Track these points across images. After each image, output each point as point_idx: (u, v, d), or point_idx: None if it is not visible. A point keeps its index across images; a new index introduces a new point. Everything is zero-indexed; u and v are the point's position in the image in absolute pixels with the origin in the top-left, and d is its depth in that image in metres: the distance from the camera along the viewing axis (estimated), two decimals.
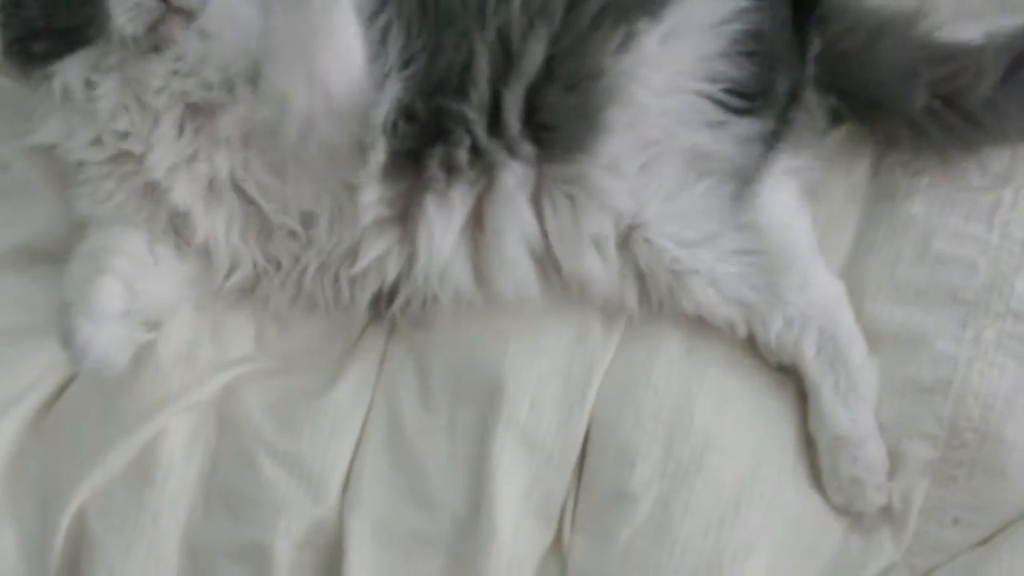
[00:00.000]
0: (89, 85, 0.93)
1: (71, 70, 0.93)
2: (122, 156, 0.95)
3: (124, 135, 0.94)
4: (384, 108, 0.92)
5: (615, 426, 0.93)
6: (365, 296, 0.98)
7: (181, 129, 0.93)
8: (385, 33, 0.94)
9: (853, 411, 0.92)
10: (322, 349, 1.04)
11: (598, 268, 0.94)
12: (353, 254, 0.95)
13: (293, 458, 0.96)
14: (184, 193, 0.94)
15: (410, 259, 0.95)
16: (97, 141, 0.95)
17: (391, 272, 0.95)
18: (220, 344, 1.02)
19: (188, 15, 0.91)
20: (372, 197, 0.93)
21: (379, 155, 0.92)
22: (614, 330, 0.98)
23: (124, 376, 0.96)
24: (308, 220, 0.96)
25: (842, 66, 0.97)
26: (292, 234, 0.96)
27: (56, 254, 1.03)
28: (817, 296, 0.94)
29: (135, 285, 0.93)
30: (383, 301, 0.99)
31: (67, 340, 0.89)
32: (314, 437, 0.96)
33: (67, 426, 1.00)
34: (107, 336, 0.90)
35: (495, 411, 0.94)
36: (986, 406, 0.91)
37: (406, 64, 0.93)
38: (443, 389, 0.97)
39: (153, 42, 0.91)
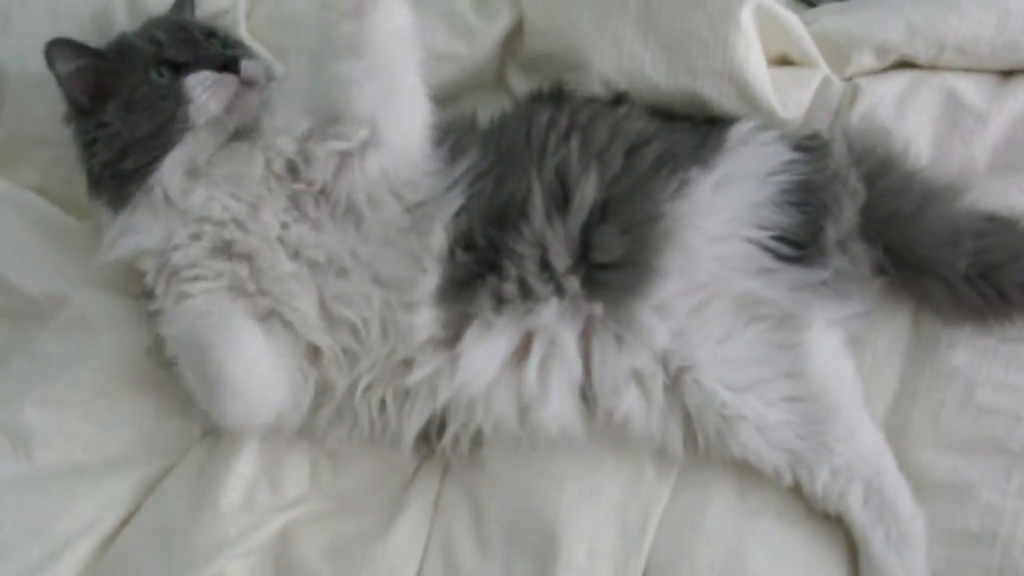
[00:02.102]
0: (185, 189, 0.97)
1: (168, 174, 0.97)
2: (220, 249, 0.98)
3: (222, 224, 0.97)
4: (443, 235, 0.96)
5: (671, 574, 0.94)
6: (413, 425, 0.99)
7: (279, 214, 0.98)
8: (454, 152, 0.99)
9: (906, 561, 0.93)
10: (376, 488, 1.05)
11: (638, 406, 0.96)
12: (405, 369, 0.97)
13: None
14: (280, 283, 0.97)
15: (456, 386, 0.96)
16: (196, 236, 0.98)
17: (440, 395, 0.96)
18: (277, 485, 1.03)
19: (258, 86, 0.98)
20: (426, 317, 0.95)
21: (434, 279, 0.95)
22: (668, 473, 0.99)
23: (182, 519, 0.98)
24: (359, 331, 0.98)
25: (887, 224, 1.00)
26: (344, 351, 0.98)
27: (114, 392, 1.05)
28: (862, 447, 0.95)
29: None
30: (432, 435, 1.00)
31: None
32: None
33: (124, 568, 1.00)
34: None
35: (552, 558, 0.95)
36: None
37: (470, 185, 0.97)
38: (499, 533, 0.98)
39: (234, 122, 0.97)
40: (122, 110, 0.98)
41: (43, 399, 1.06)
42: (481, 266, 0.96)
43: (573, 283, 0.95)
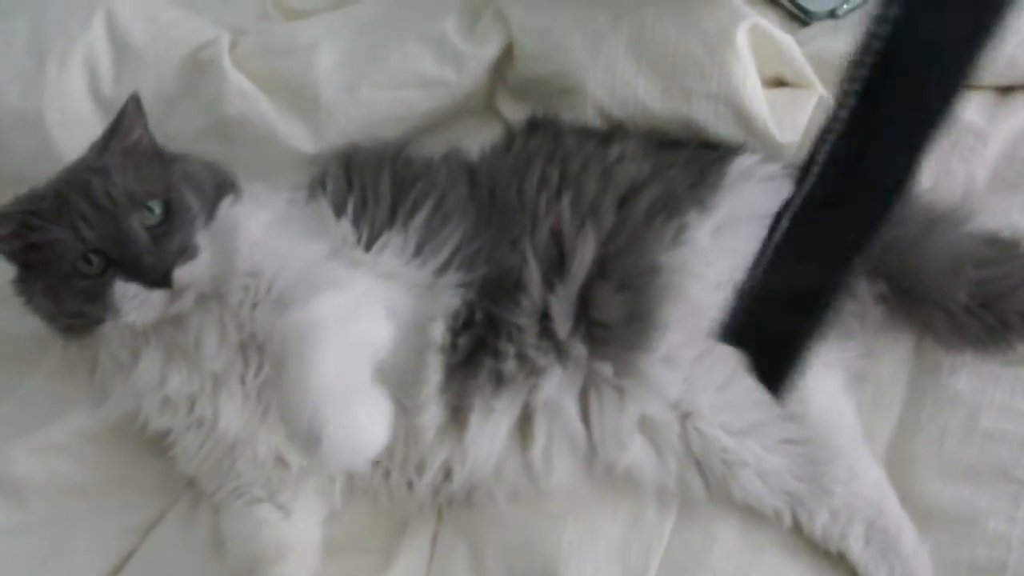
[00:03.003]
0: (135, 354, 0.94)
1: (110, 341, 0.94)
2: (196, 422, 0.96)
3: (190, 399, 0.95)
4: (440, 325, 0.94)
5: None
6: (422, 492, 0.98)
7: (244, 384, 0.95)
8: (437, 228, 0.97)
9: None
10: (371, 529, 1.03)
11: (646, 455, 0.95)
12: (419, 467, 0.97)
13: None
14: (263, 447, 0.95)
15: (464, 462, 0.96)
16: (166, 405, 0.95)
17: (456, 476, 0.96)
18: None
19: (196, 285, 0.91)
20: (432, 415, 0.94)
21: (436, 374, 0.94)
22: (668, 511, 0.98)
23: (176, 565, 0.99)
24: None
25: (887, 253, 0.98)
26: None
27: (104, 437, 1.04)
28: (863, 487, 0.94)
29: None
30: (440, 493, 0.99)
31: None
32: None
33: None
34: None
35: None
36: None
37: (460, 266, 0.95)
38: (498, 572, 0.97)
39: (170, 313, 0.92)
40: (48, 293, 0.93)
41: (34, 446, 1.04)
42: (479, 348, 0.94)
43: (578, 347, 0.94)
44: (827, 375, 0.97)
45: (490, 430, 0.95)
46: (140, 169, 0.94)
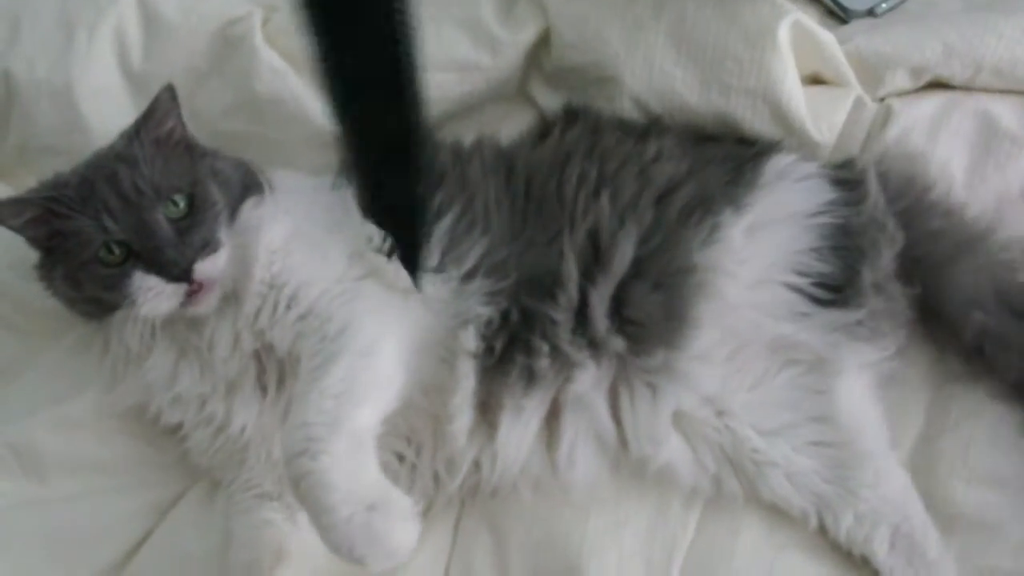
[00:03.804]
0: (147, 346, 0.94)
1: (123, 328, 0.93)
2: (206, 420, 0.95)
3: (201, 398, 0.94)
4: (472, 332, 0.93)
5: None
6: (449, 486, 0.98)
7: (262, 390, 0.94)
8: (464, 242, 0.95)
9: None
10: None
11: (682, 452, 0.95)
12: (449, 466, 0.97)
13: None
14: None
15: (495, 461, 0.96)
16: (176, 402, 0.95)
17: (485, 473, 0.96)
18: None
19: (217, 282, 0.91)
20: (464, 420, 0.94)
21: (470, 380, 0.93)
22: (693, 506, 0.98)
23: (195, 545, 0.98)
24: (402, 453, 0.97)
25: (921, 266, 0.98)
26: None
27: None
28: (889, 492, 0.94)
29: None
30: (465, 486, 0.99)
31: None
32: None
33: None
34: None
35: None
36: None
37: (490, 274, 0.94)
38: (521, 563, 0.96)
39: (187, 313, 0.91)
40: (68, 279, 0.94)
41: (55, 421, 1.03)
42: (512, 345, 0.94)
43: (613, 342, 0.93)
44: (858, 378, 0.96)
45: (520, 429, 0.94)
46: (169, 161, 0.94)
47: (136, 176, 0.91)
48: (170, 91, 0.96)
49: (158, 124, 0.96)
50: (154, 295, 0.89)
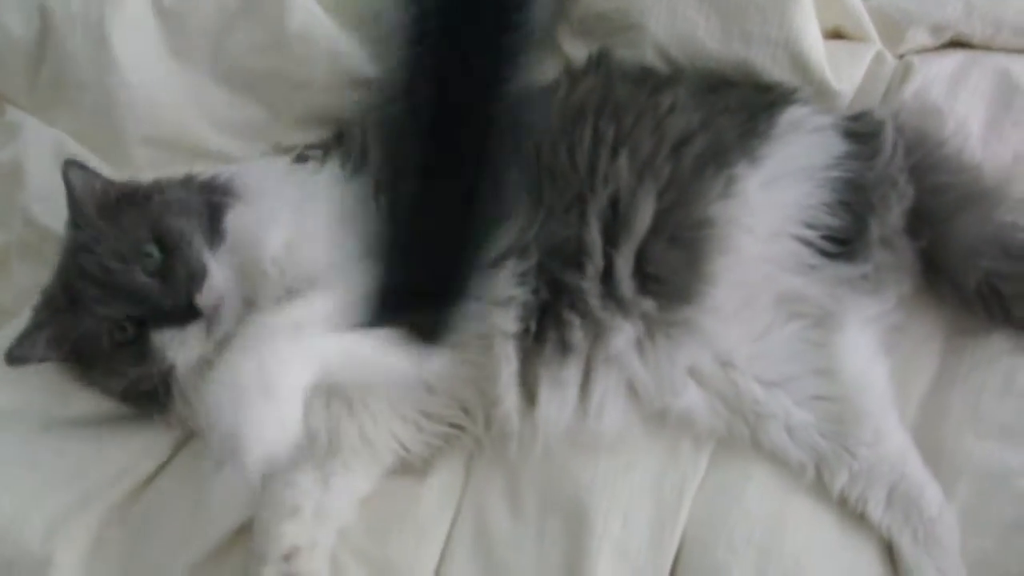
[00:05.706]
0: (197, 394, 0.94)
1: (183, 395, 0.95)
2: None
3: None
4: (510, 313, 0.94)
5: (707, 547, 0.94)
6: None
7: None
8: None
9: (937, 560, 0.91)
10: None
11: (699, 401, 0.96)
12: (501, 434, 0.98)
13: (379, 562, 0.96)
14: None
15: (536, 432, 0.97)
16: None
17: (527, 441, 0.97)
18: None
19: (228, 301, 0.92)
20: (510, 401, 0.95)
21: (512, 361, 0.94)
22: (704, 447, 0.98)
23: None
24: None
25: (924, 221, 0.99)
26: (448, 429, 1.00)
27: None
28: (887, 451, 0.94)
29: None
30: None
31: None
32: (401, 541, 0.96)
33: (157, 516, 1.01)
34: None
35: (587, 526, 0.94)
36: None
37: (519, 251, 0.94)
38: (532, 497, 0.97)
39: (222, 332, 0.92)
40: (109, 374, 0.96)
41: None
42: (544, 322, 0.95)
43: (641, 302, 0.94)
44: (863, 333, 0.97)
45: (558, 399, 0.95)
46: (119, 222, 0.95)
47: (98, 258, 0.92)
48: (69, 165, 0.98)
49: (86, 199, 0.97)
50: (179, 344, 0.91)
